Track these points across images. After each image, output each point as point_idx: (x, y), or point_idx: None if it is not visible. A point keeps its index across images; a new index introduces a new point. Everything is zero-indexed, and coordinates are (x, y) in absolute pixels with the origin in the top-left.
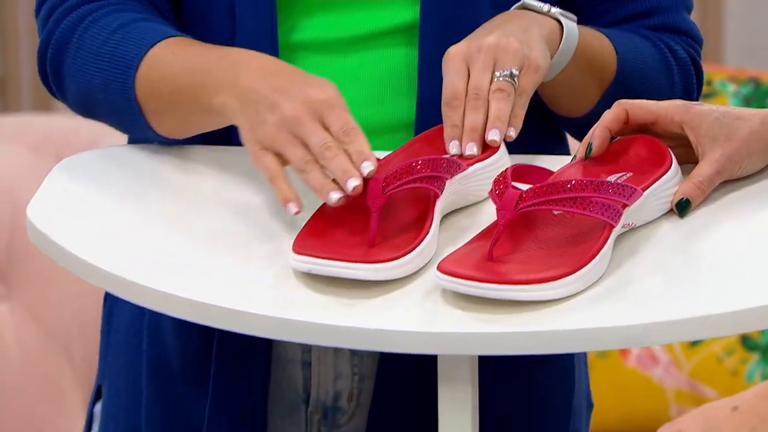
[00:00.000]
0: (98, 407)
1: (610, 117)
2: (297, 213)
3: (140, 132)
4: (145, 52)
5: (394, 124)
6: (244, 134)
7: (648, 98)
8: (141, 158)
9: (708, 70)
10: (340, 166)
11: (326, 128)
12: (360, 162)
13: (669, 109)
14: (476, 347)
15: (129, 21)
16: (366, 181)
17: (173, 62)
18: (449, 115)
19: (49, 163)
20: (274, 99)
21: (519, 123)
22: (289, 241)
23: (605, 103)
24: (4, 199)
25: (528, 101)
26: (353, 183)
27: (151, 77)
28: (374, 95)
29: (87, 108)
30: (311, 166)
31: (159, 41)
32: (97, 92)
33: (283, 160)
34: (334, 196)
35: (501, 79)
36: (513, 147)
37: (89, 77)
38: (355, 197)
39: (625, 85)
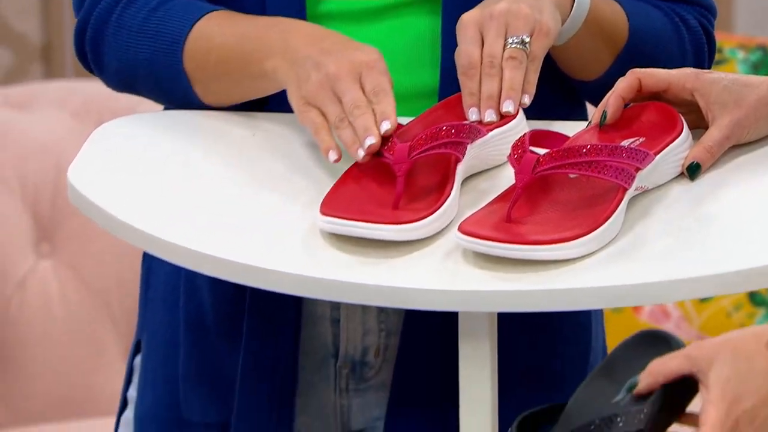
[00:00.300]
0: (138, 360)
1: (623, 85)
2: (336, 161)
3: (185, 102)
4: (191, 26)
5: (418, 92)
6: (291, 92)
7: (659, 65)
8: (178, 123)
9: (718, 38)
10: (362, 124)
11: (362, 88)
12: (380, 122)
13: (680, 77)
14: (495, 305)
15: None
16: (387, 141)
17: (221, 33)
18: (467, 84)
19: (90, 127)
20: (320, 59)
21: (532, 89)
22: (316, 203)
23: (616, 69)
24: (48, 161)
25: (540, 65)
26: (369, 141)
27: (200, 48)
28: (399, 63)
29: (127, 83)
30: (345, 123)
31: (203, 15)
32: (141, 67)
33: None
34: (360, 153)
35: (513, 46)
36: (531, 112)
37: (133, 54)
38: (380, 162)
39: (636, 52)
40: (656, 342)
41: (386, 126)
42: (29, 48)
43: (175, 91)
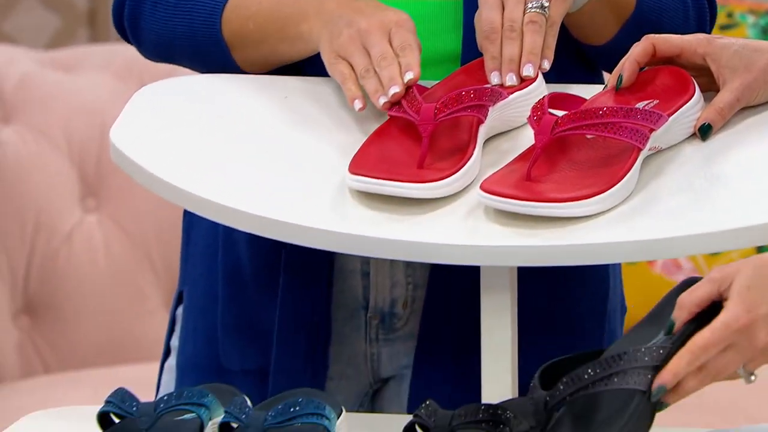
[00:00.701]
0: (180, 311)
1: (638, 50)
2: (361, 109)
3: (222, 70)
4: None
5: (441, 57)
6: (324, 47)
7: (663, 32)
8: (215, 86)
9: (730, 3)
10: (388, 74)
11: (390, 43)
12: (404, 72)
13: (693, 43)
14: (515, 259)
15: None
16: (414, 103)
17: (257, 2)
18: (488, 48)
19: (133, 88)
20: (353, 17)
21: (551, 54)
22: (345, 162)
23: (623, 36)
24: (93, 121)
25: (558, 30)
26: (393, 90)
27: (238, 16)
28: (422, 29)
29: (165, 54)
30: (371, 73)
31: None
32: (180, 39)
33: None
34: (381, 100)
35: (533, 11)
36: (549, 77)
37: (172, 27)
38: (406, 123)
39: (642, 20)
40: None
41: (409, 76)
42: (76, 13)
43: (214, 60)
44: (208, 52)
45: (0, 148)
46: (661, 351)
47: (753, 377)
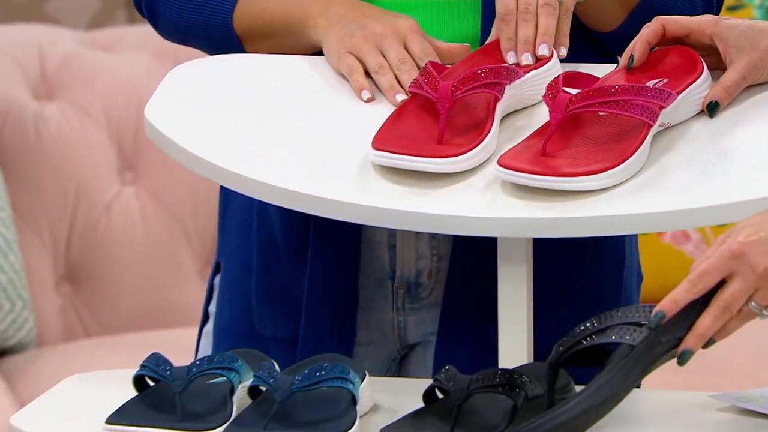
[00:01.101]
0: (217, 280)
1: (649, 31)
2: (369, 99)
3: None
4: None
5: (461, 39)
6: (332, 44)
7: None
8: (245, 65)
9: None
10: (408, 78)
11: (406, 48)
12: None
13: (701, 23)
14: (530, 230)
15: None
16: (432, 81)
17: (266, 0)
18: (504, 29)
19: (168, 67)
20: (365, 21)
21: (567, 40)
22: (369, 139)
23: (630, 23)
24: (131, 98)
25: (571, 17)
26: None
27: (249, 13)
28: (444, 14)
29: (181, 40)
30: (386, 70)
31: None
32: (194, 29)
33: (362, 65)
34: (399, 97)
35: None
36: (564, 60)
37: (186, 18)
38: (425, 101)
39: (647, 8)
40: None
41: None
42: None
43: (227, 49)
44: (221, 42)
45: (43, 124)
46: (650, 310)
47: (766, 312)
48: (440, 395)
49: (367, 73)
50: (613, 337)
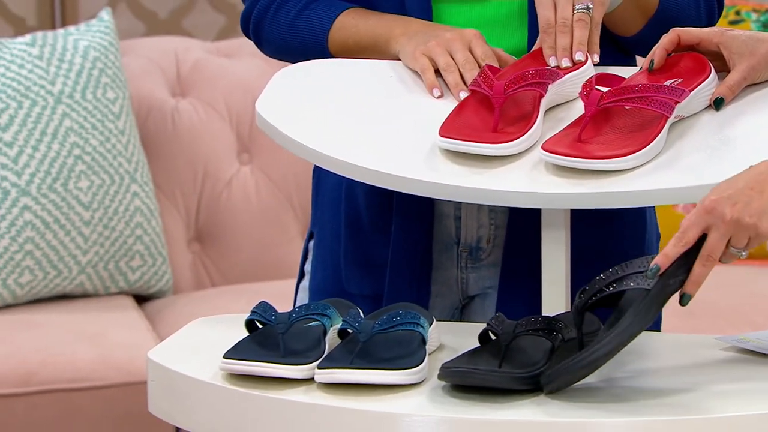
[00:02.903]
0: (311, 245)
1: (666, 40)
2: (439, 96)
3: None
4: (333, 21)
5: (513, 49)
6: (407, 47)
7: (681, 26)
8: (336, 68)
9: (737, 3)
10: (471, 77)
11: (471, 52)
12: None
13: (709, 34)
14: (568, 203)
15: (311, 1)
16: (488, 80)
17: (356, 24)
18: (546, 40)
19: (276, 71)
20: (438, 32)
21: (597, 48)
22: (437, 128)
23: (648, 30)
24: (247, 96)
25: (600, 28)
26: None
27: (341, 35)
28: (499, 30)
29: (280, 57)
30: (453, 69)
31: (340, 13)
32: (294, 52)
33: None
34: (462, 94)
35: (580, 11)
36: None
37: (287, 43)
38: (483, 97)
39: (663, 17)
40: None
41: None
42: (235, 13)
43: None
44: (317, 58)
45: (178, 116)
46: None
47: (743, 254)
48: (493, 337)
49: (437, 72)
50: (632, 284)
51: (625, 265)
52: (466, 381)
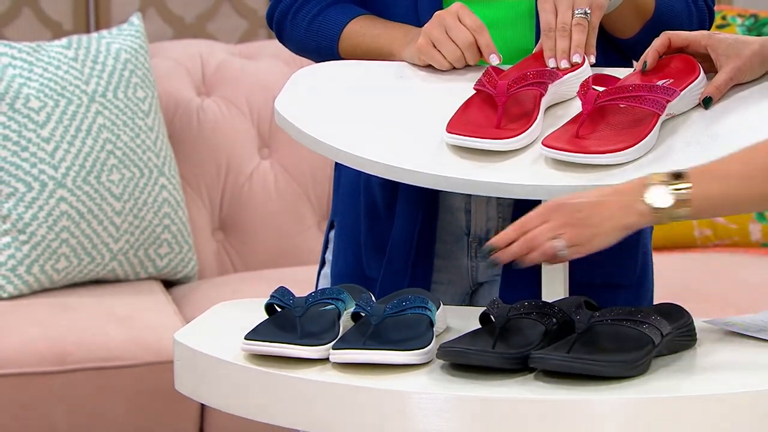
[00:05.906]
0: (332, 234)
1: (658, 43)
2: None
3: None
4: (343, 28)
5: (520, 50)
6: (413, 46)
7: (674, 30)
8: (350, 69)
9: (723, 8)
10: (474, 59)
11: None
12: (488, 54)
13: (698, 37)
14: (566, 194)
15: (326, 6)
16: (492, 79)
17: (363, 34)
18: (546, 42)
19: (295, 71)
20: (428, 30)
21: (594, 50)
22: (443, 124)
23: (643, 33)
24: (267, 95)
25: (597, 32)
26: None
27: (350, 42)
28: (508, 32)
29: (301, 54)
30: (453, 48)
31: (352, 19)
32: (311, 52)
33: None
34: (494, 59)
35: (579, 16)
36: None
37: (304, 44)
38: (487, 95)
39: (658, 22)
40: None
41: (495, 60)
42: (257, 17)
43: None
44: (330, 60)
45: (203, 114)
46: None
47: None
48: (493, 320)
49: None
50: (646, 330)
51: (646, 311)
52: (460, 360)
